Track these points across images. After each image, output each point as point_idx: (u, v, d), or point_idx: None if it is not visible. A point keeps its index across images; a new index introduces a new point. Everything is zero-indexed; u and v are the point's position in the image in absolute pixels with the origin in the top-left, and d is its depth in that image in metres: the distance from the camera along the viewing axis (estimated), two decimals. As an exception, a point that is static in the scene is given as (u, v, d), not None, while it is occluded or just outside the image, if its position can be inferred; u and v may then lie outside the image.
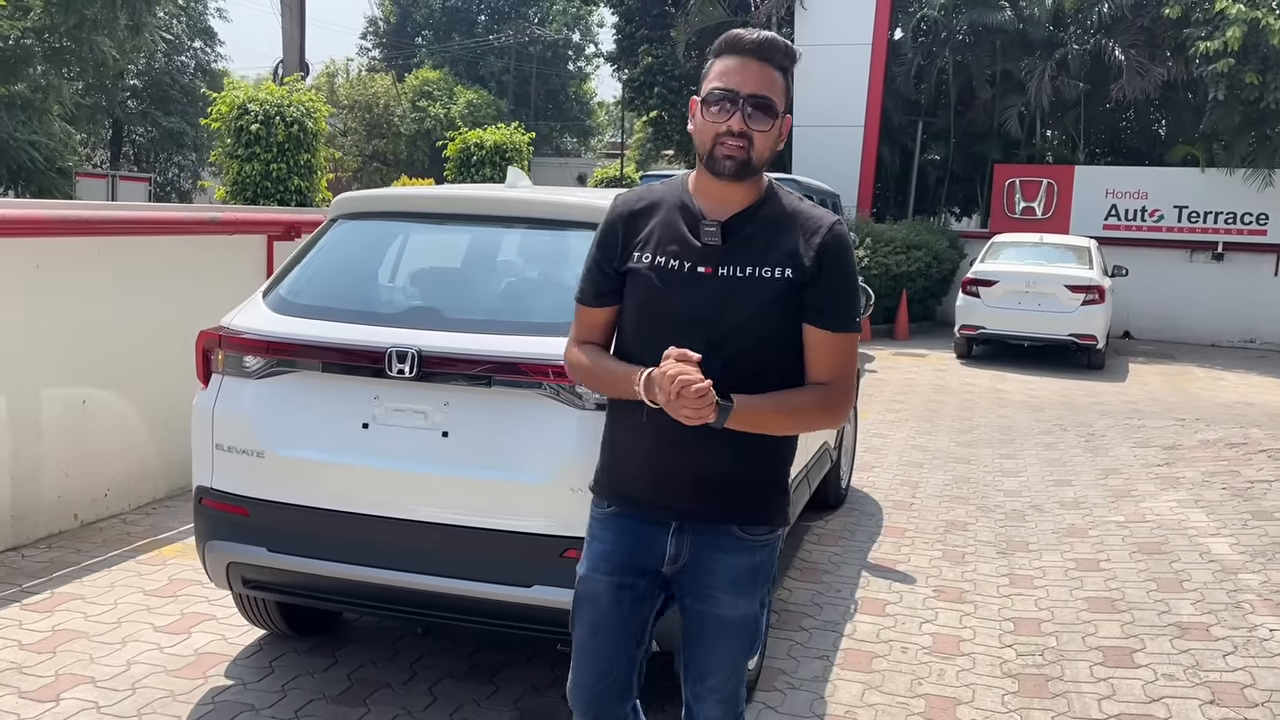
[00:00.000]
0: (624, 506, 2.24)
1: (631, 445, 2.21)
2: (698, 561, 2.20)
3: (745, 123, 2.04)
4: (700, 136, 2.10)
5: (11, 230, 4.67)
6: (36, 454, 4.88)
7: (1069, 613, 4.56)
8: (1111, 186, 17.22)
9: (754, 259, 2.10)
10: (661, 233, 2.15)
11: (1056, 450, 7.96)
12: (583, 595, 2.28)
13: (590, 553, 2.28)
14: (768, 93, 2.06)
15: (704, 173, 2.13)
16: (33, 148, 22.73)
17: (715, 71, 2.09)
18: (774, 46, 2.08)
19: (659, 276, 2.12)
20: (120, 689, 3.51)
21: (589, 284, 2.25)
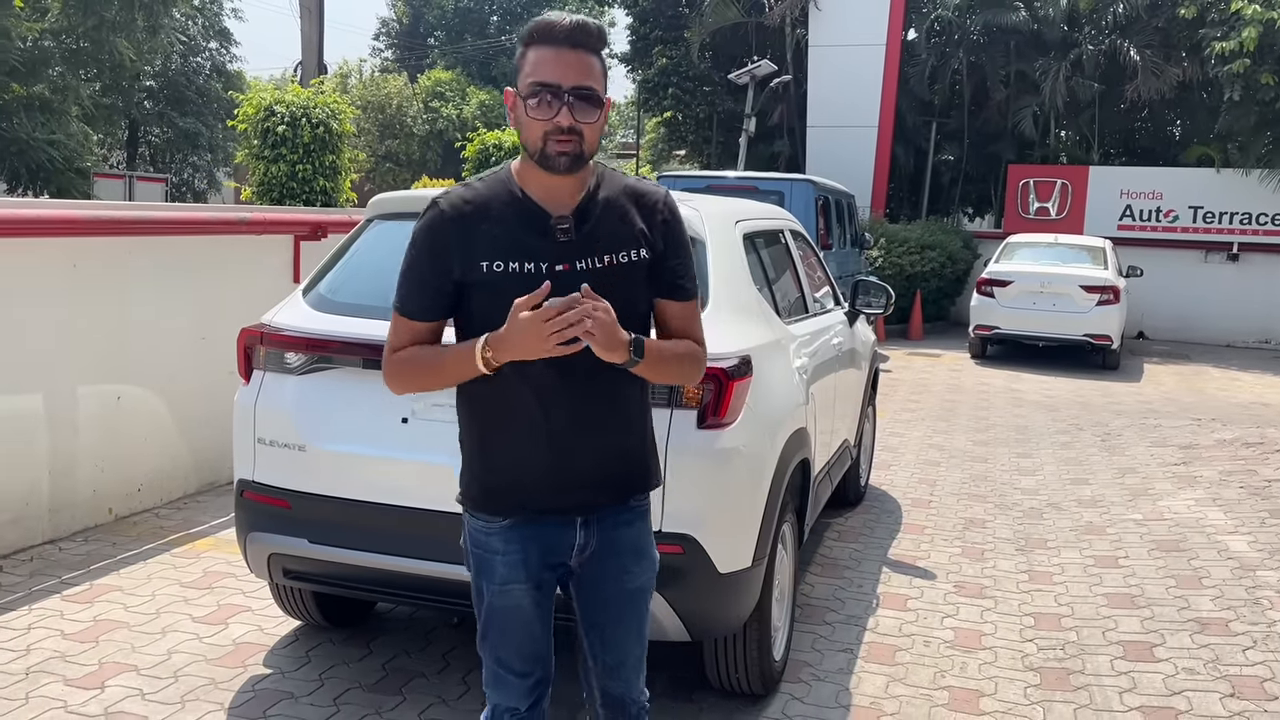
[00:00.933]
0: (524, 516, 2.16)
1: (524, 453, 2.12)
2: (604, 545, 2.21)
3: (573, 117, 1.98)
4: (527, 133, 2.02)
5: (49, 230, 4.77)
6: (73, 450, 4.99)
7: (1089, 608, 4.61)
8: (1126, 187, 17.21)
9: (608, 246, 2.08)
10: (504, 234, 2.04)
11: (1073, 449, 8.00)
12: (502, 608, 2.20)
13: (497, 566, 2.17)
14: (590, 82, 2.00)
15: (535, 168, 2.05)
16: (51, 147, 22.92)
17: (531, 64, 2.00)
18: (587, 31, 2.01)
19: (514, 283, 1.99)
20: (163, 677, 3.60)
21: (416, 297, 2.09)
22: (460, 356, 2.03)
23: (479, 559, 2.21)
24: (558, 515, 2.17)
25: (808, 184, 10.70)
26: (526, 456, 2.12)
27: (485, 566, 2.20)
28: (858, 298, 5.50)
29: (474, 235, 2.05)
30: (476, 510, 2.20)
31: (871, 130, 17.76)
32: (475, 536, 2.22)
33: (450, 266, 2.06)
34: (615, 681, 2.33)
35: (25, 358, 4.72)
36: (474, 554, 2.23)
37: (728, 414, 3.12)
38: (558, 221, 2.05)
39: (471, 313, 2.08)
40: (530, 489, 2.14)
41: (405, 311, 2.12)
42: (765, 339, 3.57)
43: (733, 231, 3.75)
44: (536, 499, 2.14)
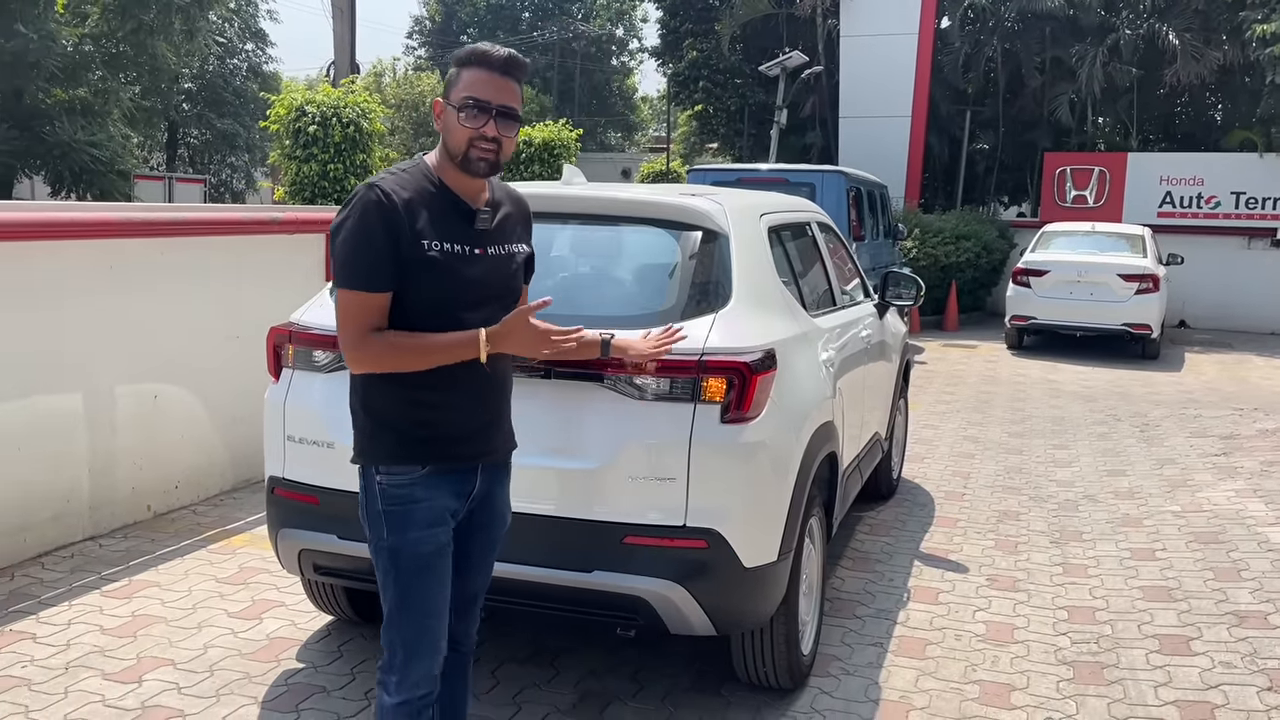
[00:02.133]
0: (441, 464, 2.41)
1: (451, 406, 2.40)
2: (489, 492, 2.55)
3: (497, 130, 2.34)
4: (453, 138, 2.34)
5: (85, 232, 4.86)
6: (112, 448, 5.08)
7: (1124, 601, 4.56)
8: (1166, 173, 16.95)
9: (507, 238, 2.49)
10: (439, 220, 2.34)
11: (1110, 440, 7.91)
12: (425, 556, 2.39)
13: (419, 514, 2.38)
14: (513, 103, 2.37)
15: (454, 168, 2.37)
16: (93, 149, 23.28)
17: (465, 81, 2.34)
18: (518, 64, 2.38)
19: (449, 261, 2.33)
20: (199, 671, 3.66)
21: (382, 269, 2.28)
22: (459, 345, 2.32)
23: (398, 515, 2.38)
24: (467, 461, 2.47)
25: (839, 175, 10.63)
26: (452, 412, 2.41)
27: (404, 519, 2.37)
28: (887, 290, 5.46)
29: (415, 217, 2.31)
30: (396, 463, 2.39)
31: (905, 120, 17.62)
32: (393, 492, 2.38)
33: (399, 242, 2.29)
34: (460, 621, 2.59)
35: (65, 358, 4.81)
36: (391, 510, 2.38)
37: (751, 408, 3.11)
38: (481, 211, 2.42)
39: (409, 286, 2.32)
40: (450, 436, 2.42)
41: (369, 286, 2.29)
42: (790, 332, 3.55)
43: (757, 225, 3.74)
44: (454, 446, 2.43)
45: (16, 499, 4.62)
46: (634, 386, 3.08)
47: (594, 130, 49.42)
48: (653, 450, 3.06)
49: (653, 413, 3.08)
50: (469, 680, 2.73)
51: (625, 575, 3.06)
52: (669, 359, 3.06)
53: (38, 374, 4.70)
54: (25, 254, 4.61)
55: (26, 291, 4.63)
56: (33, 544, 4.69)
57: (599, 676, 3.71)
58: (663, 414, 3.07)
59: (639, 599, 3.07)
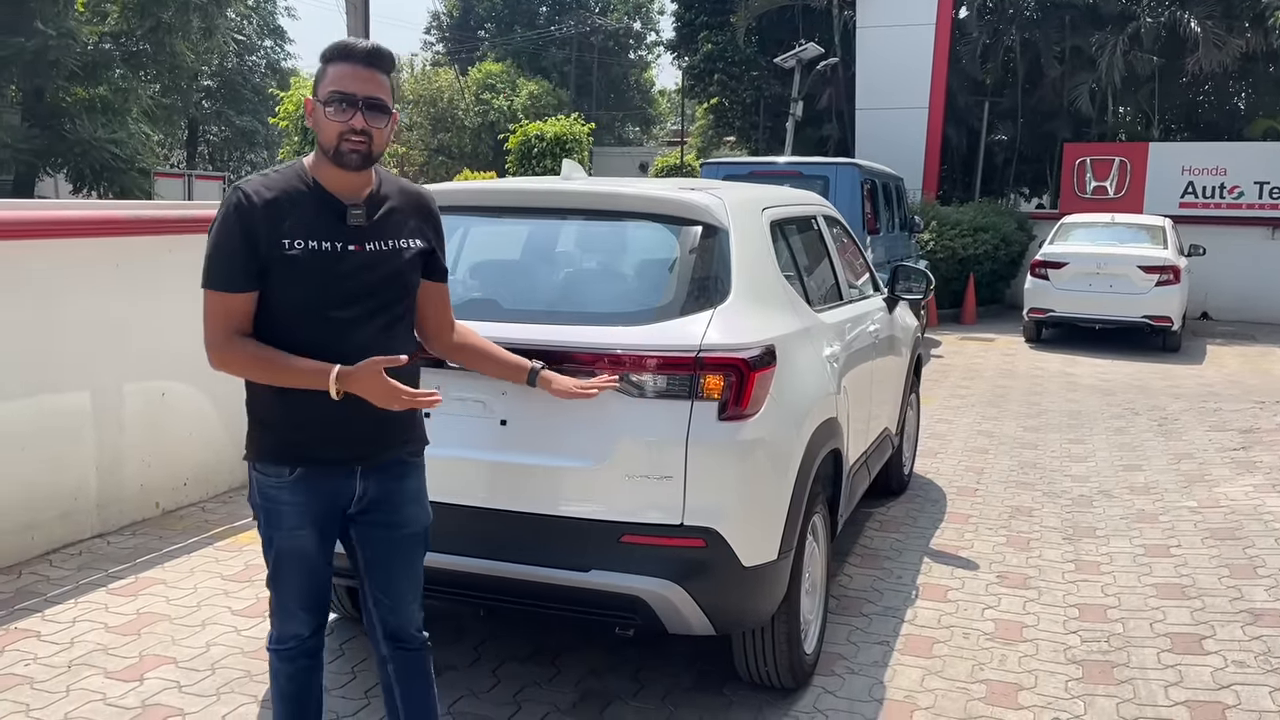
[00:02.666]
0: (309, 467, 2.44)
1: (314, 410, 2.38)
2: (383, 494, 2.53)
3: (365, 122, 2.33)
4: (325, 134, 2.36)
5: (90, 230, 4.87)
6: (120, 446, 5.09)
7: (1137, 599, 4.49)
8: (1188, 163, 16.73)
9: (392, 233, 2.45)
10: (307, 218, 2.35)
11: (1127, 435, 7.81)
12: (290, 550, 2.49)
13: (286, 514, 2.46)
14: (380, 95, 2.36)
15: (329, 164, 2.38)
16: (114, 147, 23.44)
17: (331, 77, 2.36)
18: (381, 56, 2.38)
19: (317, 259, 2.33)
20: (200, 669, 3.66)
21: (239, 271, 2.32)
22: (311, 375, 2.34)
23: (269, 511, 2.49)
24: (338, 465, 2.47)
25: (853, 167, 10.54)
26: (317, 412, 2.38)
27: (274, 516, 2.48)
28: (897, 283, 5.40)
29: (277, 217, 2.33)
30: (267, 462, 2.46)
31: (922, 111, 17.48)
32: (264, 490, 2.48)
33: (257, 244, 2.32)
34: (395, 618, 2.63)
35: (71, 356, 4.83)
36: (263, 507, 2.50)
37: (749, 405, 3.07)
38: (353, 207, 2.39)
39: (272, 286, 2.35)
40: (316, 440, 2.43)
41: (226, 287, 2.34)
42: (791, 328, 3.51)
43: (759, 219, 3.70)
44: (320, 449, 2.44)
45: (23, 497, 4.64)
46: (631, 384, 3.05)
47: (611, 124, 49.38)
48: (649, 448, 3.03)
49: (649, 410, 3.05)
50: (430, 679, 2.72)
51: (622, 574, 3.03)
52: (666, 355, 3.03)
53: (43, 372, 4.71)
54: (28, 252, 4.62)
55: (31, 290, 4.64)
56: (40, 541, 4.71)
57: (600, 675, 3.69)
58: (659, 411, 3.04)
59: (636, 598, 3.04)
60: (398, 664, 2.66)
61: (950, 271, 15.24)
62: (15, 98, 24.65)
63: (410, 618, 2.66)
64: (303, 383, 2.35)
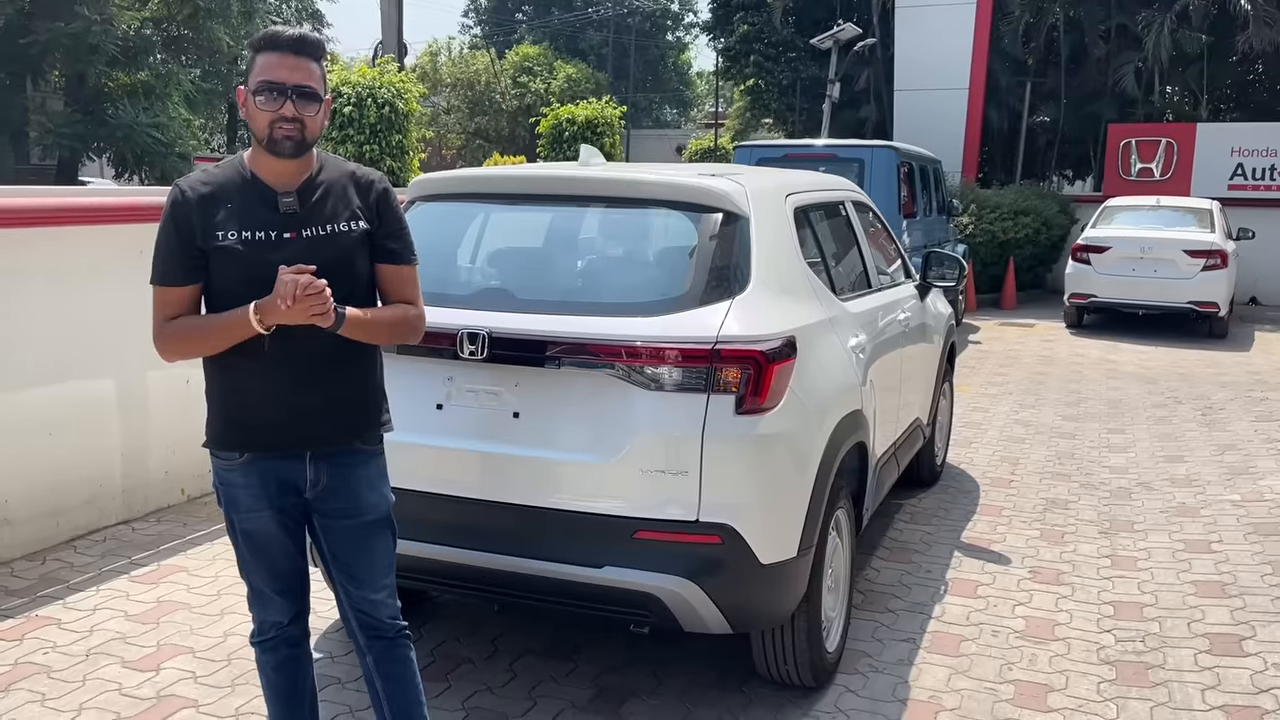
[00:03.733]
0: (257, 451, 2.46)
1: (257, 394, 2.42)
2: (337, 481, 2.51)
3: (296, 110, 2.34)
4: (256, 123, 2.36)
5: (114, 217, 4.86)
6: (145, 432, 5.10)
7: (1174, 597, 4.35)
8: (1238, 144, 16.29)
9: (328, 218, 2.42)
10: (239, 209, 2.37)
11: (1169, 424, 7.61)
12: (251, 532, 2.52)
13: (241, 496, 2.49)
14: (310, 82, 2.37)
15: (264, 153, 2.39)
16: (155, 131, 23.65)
17: (260, 66, 2.36)
18: (308, 43, 2.39)
19: (250, 248, 2.35)
20: (217, 659, 3.65)
21: (174, 265, 2.36)
22: (234, 324, 2.32)
23: (226, 494, 2.52)
24: (287, 448, 2.46)
25: (889, 150, 10.36)
26: (261, 396, 2.42)
27: (231, 499, 2.51)
28: (929, 270, 5.27)
29: (212, 209, 2.36)
30: (217, 449, 2.50)
31: (962, 92, 17.14)
32: (220, 474, 2.52)
33: (194, 236, 2.35)
34: (366, 607, 2.62)
35: (96, 343, 4.83)
36: (220, 489, 2.53)
37: (768, 398, 2.99)
38: (284, 195, 2.40)
39: (212, 276, 2.38)
40: (262, 424, 2.44)
41: (164, 281, 2.39)
42: (814, 318, 3.41)
43: (781, 206, 3.59)
44: (266, 434, 2.45)
45: (48, 483, 4.66)
46: (646, 376, 2.97)
47: (648, 107, 49.17)
48: (664, 442, 2.96)
49: (665, 404, 2.97)
50: (411, 667, 2.68)
51: (637, 571, 2.96)
52: (682, 347, 2.95)
53: (69, 359, 4.73)
54: (51, 240, 4.63)
55: (55, 277, 4.65)
56: (65, 528, 4.73)
57: (618, 670, 3.63)
58: (675, 405, 2.96)
59: (651, 596, 2.97)
60: (375, 654, 2.65)
61: (990, 256, 14.98)
62: (58, 83, 24.98)
63: (381, 605, 2.63)
64: (230, 333, 2.33)
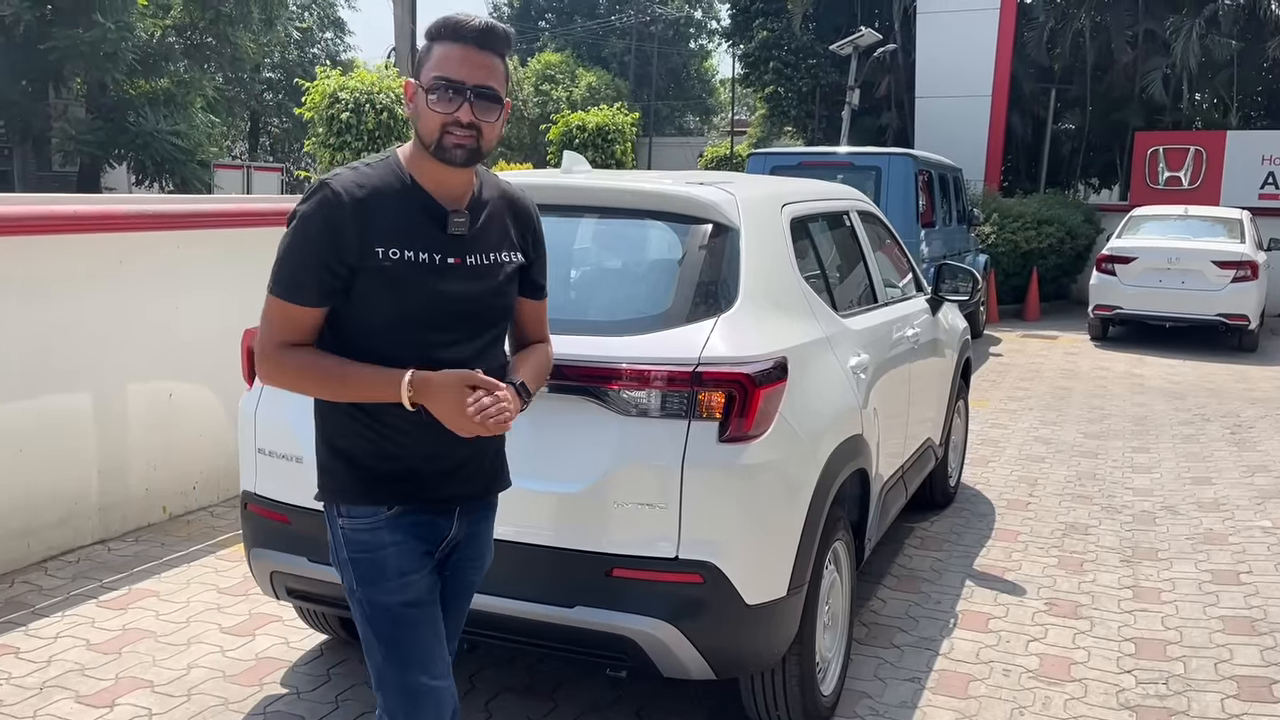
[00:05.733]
0: (409, 504, 2.13)
1: (411, 441, 2.08)
2: (467, 537, 2.25)
3: (473, 114, 2.00)
4: (425, 124, 2.02)
5: (91, 226, 4.70)
6: (123, 448, 4.92)
7: (1200, 634, 4.08)
8: (1269, 152, 15.91)
9: (493, 245, 2.14)
10: (402, 223, 2.03)
11: (1197, 443, 7.31)
12: (407, 605, 2.11)
13: (392, 560, 2.11)
14: (492, 82, 2.03)
15: (428, 158, 2.05)
16: (175, 138, 23.69)
17: (437, 58, 2.02)
18: (495, 35, 2.04)
19: (414, 271, 2.01)
20: (176, 695, 3.45)
21: (311, 279, 1.99)
22: (380, 385, 2.00)
23: (365, 563, 2.11)
24: (440, 503, 2.17)
25: (906, 158, 10.10)
26: (415, 444, 2.10)
27: (376, 566, 2.11)
28: (942, 283, 5.03)
29: (371, 220, 2.00)
30: (357, 502, 2.12)
31: (985, 99, 16.85)
32: (357, 537, 2.12)
33: (345, 250, 1.99)
34: None
35: (71, 356, 4.66)
36: (358, 559, 2.12)
37: (754, 425, 2.76)
38: (455, 213, 2.07)
39: (355, 300, 2.03)
40: (417, 475, 2.12)
41: (291, 297, 2.01)
42: (809, 337, 3.18)
43: (776, 217, 3.37)
44: (423, 486, 2.13)
45: (20, 501, 4.48)
46: (622, 401, 2.75)
47: (671, 115, 48.97)
48: (641, 473, 2.73)
49: (642, 431, 2.75)
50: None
51: (610, 612, 2.73)
52: (662, 369, 2.73)
53: (43, 372, 4.55)
54: (26, 249, 4.46)
55: (27, 287, 4.47)
56: (37, 549, 4.56)
57: (600, 711, 3.40)
58: (653, 432, 2.74)
59: (626, 639, 2.74)
60: None
61: (1012, 266, 14.68)
62: (80, 90, 25.08)
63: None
64: (373, 394, 2.01)
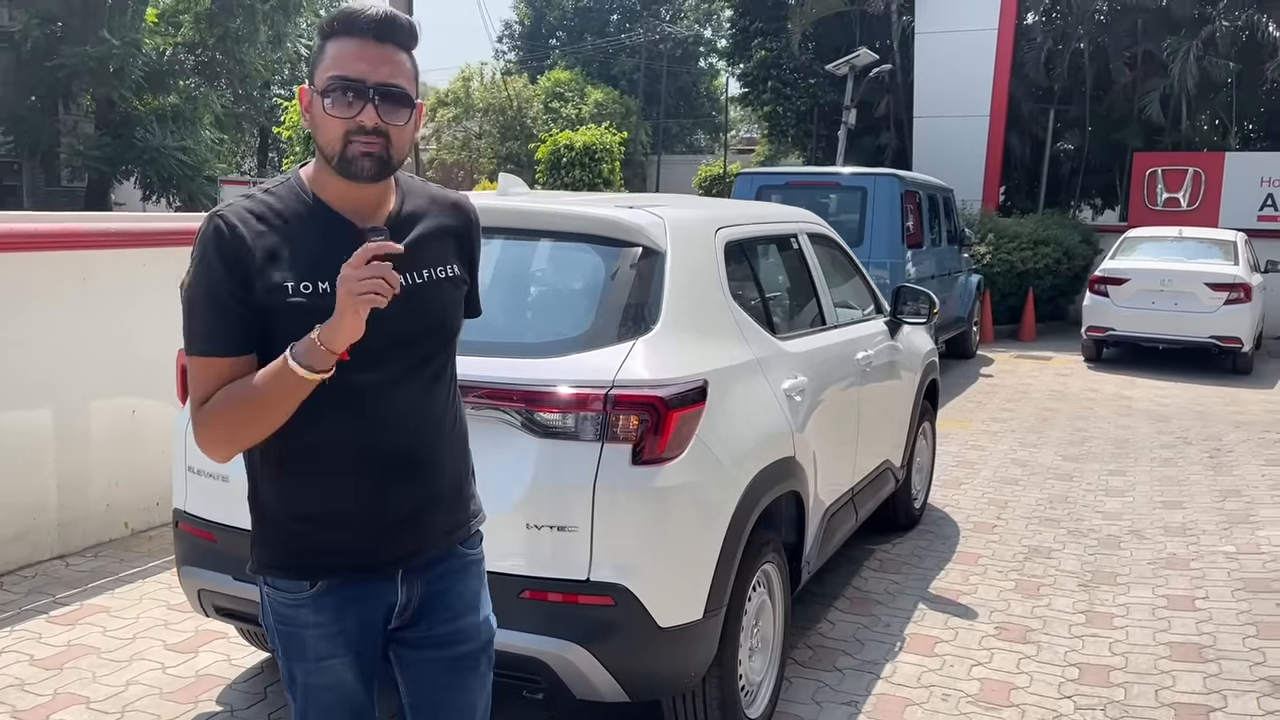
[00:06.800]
0: (335, 578, 1.85)
1: (336, 495, 1.81)
2: (431, 599, 1.92)
3: (379, 117, 1.71)
4: (325, 134, 1.73)
5: (53, 244, 4.75)
6: (84, 464, 4.96)
7: (1146, 660, 4.06)
8: (1268, 174, 15.84)
9: (426, 261, 1.84)
10: (308, 251, 1.74)
11: (1174, 467, 7.27)
12: (322, 688, 1.89)
13: (310, 642, 1.86)
14: (399, 80, 1.74)
15: (333, 175, 1.76)
16: (182, 154, 23.94)
17: (331, 57, 1.73)
18: (397, 25, 1.74)
19: (328, 306, 1.66)
20: (110, 712, 3.46)
21: (221, 327, 1.72)
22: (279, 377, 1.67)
23: (285, 634, 1.88)
24: (374, 573, 1.87)
25: (892, 178, 10.11)
26: (340, 504, 1.82)
27: (294, 644, 1.88)
28: (899, 305, 5.03)
29: (270, 252, 1.74)
30: (280, 576, 1.86)
31: (983, 120, 16.88)
32: (279, 610, 1.88)
33: (249, 287, 1.72)
34: None
35: (30, 373, 4.70)
36: (279, 629, 1.89)
37: (668, 448, 2.77)
38: (373, 232, 1.69)
39: (275, 344, 1.71)
40: (340, 543, 1.83)
41: (203, 350, 1.74)
42: (735, 360, 3.20)
43: (708, 241, 3.39)
44: (347, 555, 1.84)
45: (-25, 517, 4.53)
46: (536, 423, 2.77)
47: (681, 132, 49.14)
48: (554, 495, 2.75)
49: (557, 453, 2.76)
50: None
51: (522, 634, 2.73)
52: (577, 391, 2.75)
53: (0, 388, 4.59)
54: (-14, 267, 4.52)
55: (-13, 305, 4.53)
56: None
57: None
58: (566, 454, 2.75)
59: (538, 661, 2.75)
60: None
61: (1008, 286, 14.65)
62: (90, 107, 25.37)
63: None
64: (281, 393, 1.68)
